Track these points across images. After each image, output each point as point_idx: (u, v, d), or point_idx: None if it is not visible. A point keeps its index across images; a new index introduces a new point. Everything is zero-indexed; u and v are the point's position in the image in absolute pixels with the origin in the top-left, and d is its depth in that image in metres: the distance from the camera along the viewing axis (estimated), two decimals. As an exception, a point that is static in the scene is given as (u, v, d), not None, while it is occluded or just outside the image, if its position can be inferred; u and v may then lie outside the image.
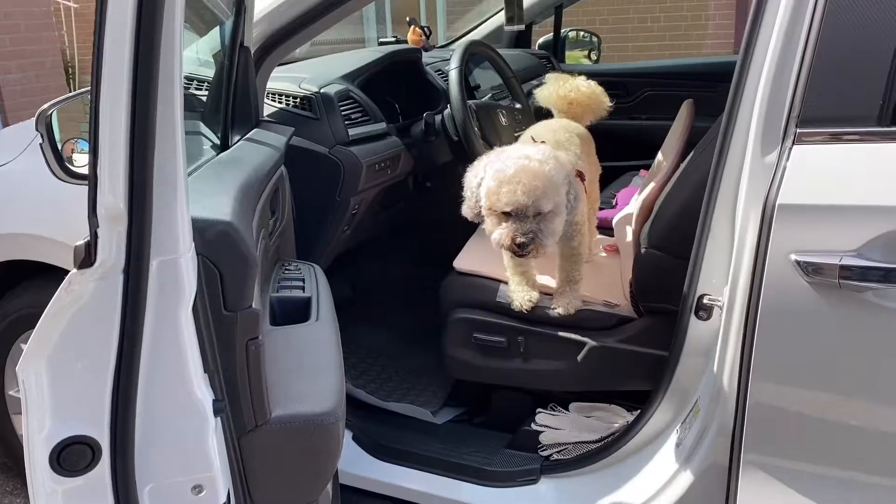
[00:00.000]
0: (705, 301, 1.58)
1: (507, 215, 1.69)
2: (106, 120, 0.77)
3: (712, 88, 3.12)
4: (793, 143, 1.40)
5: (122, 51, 0.75)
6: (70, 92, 1.44)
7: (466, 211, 1.81)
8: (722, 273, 1.54)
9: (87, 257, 0.79)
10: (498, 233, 1.71)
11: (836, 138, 1.38)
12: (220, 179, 1.20)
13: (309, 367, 1.13)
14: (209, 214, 0.94)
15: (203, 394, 0.90)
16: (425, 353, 2.53)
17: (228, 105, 1.73)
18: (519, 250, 1.69)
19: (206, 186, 1.12)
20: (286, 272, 1.52)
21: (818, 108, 1.38)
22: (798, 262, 1.37)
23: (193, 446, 0.90)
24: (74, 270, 0.80)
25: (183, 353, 0.88)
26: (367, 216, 2.30)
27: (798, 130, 1.40)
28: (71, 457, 0.84)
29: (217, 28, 1.88)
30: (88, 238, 0.80)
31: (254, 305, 0.97)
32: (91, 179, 0.78)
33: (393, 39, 2.88)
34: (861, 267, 1.31)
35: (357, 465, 2.07)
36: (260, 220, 1.32)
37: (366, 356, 2.57)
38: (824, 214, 1.36)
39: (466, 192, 1.80)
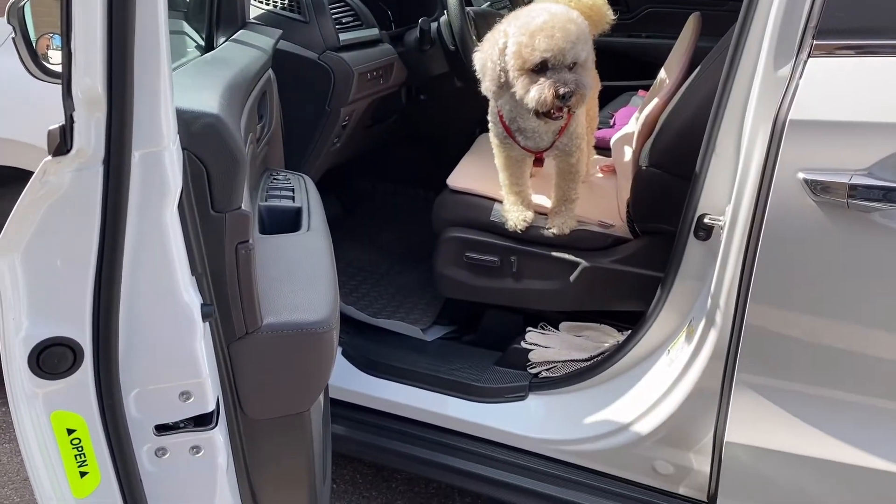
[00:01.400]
0: (706, 221, 1.55)
1: (539, 72, 1.60)
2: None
3: (720, 5, 3.01)
4: (808, 56, 1.34)
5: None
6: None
7: (488, 85, 1.71)
8: (725, 192, 1.50)
9: (62, 143, 0.73)
10: (535, 90, 1.60)
11: (853, 51, 1.32)
12: (204, 76, 1.13)
13: (301, 276, 1.08)
14: (197, 105, 0.87)
15: (190, 297, 0.86)
16: (416, 271, 2.51)
17: (213, 4, 1.63)
18: (561, 102, 1.59)
19: (191, 81, 1.05)
20: (275, 182, 1.46)
21: (837, 19, 1.32)
22: (806, 181, 1.33)
23: (181, 351, 0.87)
24: (49, 158, 0.74)
25: (168, 254, 0.83)
26: (357, 129, 2.22)
27: (814, 42, 1.34)
28: (51, 359, 0.81)
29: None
30: (63, 122, 0.73)
31: (244, 207, 0.92)
32: (65, 57, 0.71)
33: (386, -59, 2.72)
34: (871, 186, 1.28)
35: (347, 379, 2.07)
36: (247, 123, 1.25)
37: (356, 274, 2.54)
38: (836, 131, 1.31)
39: (485, 65, 1.69)
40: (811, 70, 1.34)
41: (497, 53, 1.67)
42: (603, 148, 2.35)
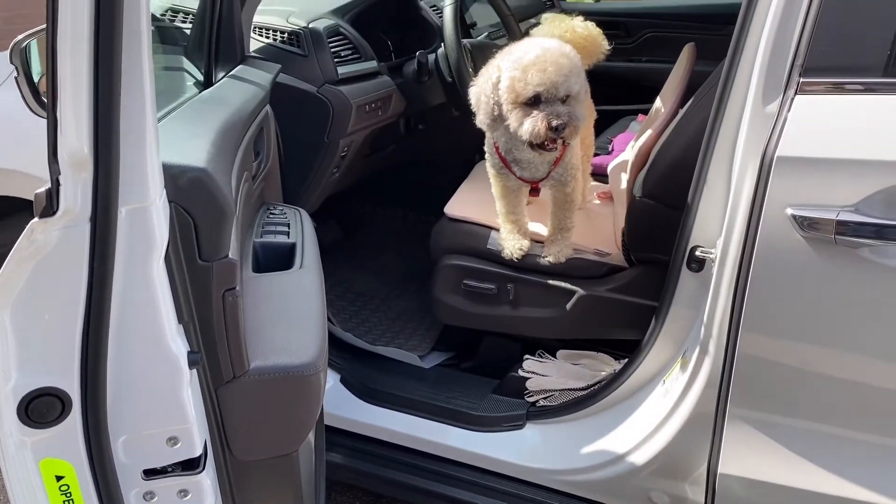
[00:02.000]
0: (698, 253, 1.56)
1: (533, 105, 1.63)
2: (65, 56, 0.72)
3: (717, 31, 3.03)
4: (795, 93, 1.36)
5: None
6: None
7: (482, 119, 1.74)
8: (716, 224, 1.51)
9: (48, 206, 0.75)
10: (529, 122, 1.63)
11: (839, 88, 1.33)
12: (199, 120, 1.15)
13: (291, 316, 1.10)
14: (183, 160, 0.90)
15: (177, 345, 0.88)
16: (415, 296, 2.52)
17: (212, 40, 1.66)
18: (554, 134, 1.62)
19: (184, 128, 1.07)
20: (271, 216, 1.49)
21: (823, 57, 1.33)
22: (794, 217, 1.34)
23: (168, 398, 0.89)
24: (36, 219, 0.76)
25: (155, 304, 0.85)
26: (357, 158, 2.25)
27: (801, 79, 1.35)
28: (40, 408, 0.83)
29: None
30: (49, 186, 0.75)
31: (231, 255, 0.93)
32: (50, 122, 0.74)
33: (387, -28, 2.76)
34: (858, 223, 1.29)
35: (345, 407, 2.08)
36: (242, 162, 1.27)
37: (355, 299, 2.56)
38: (823, 168, 1.32)
39: (479, 98, 1.73)
40: (798, 107, 1.35)
41: (490, 87, 1.70)
42: (601, 174, 2.37)
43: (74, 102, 0.71)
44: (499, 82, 1.69)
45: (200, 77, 1.69)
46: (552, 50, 1.66)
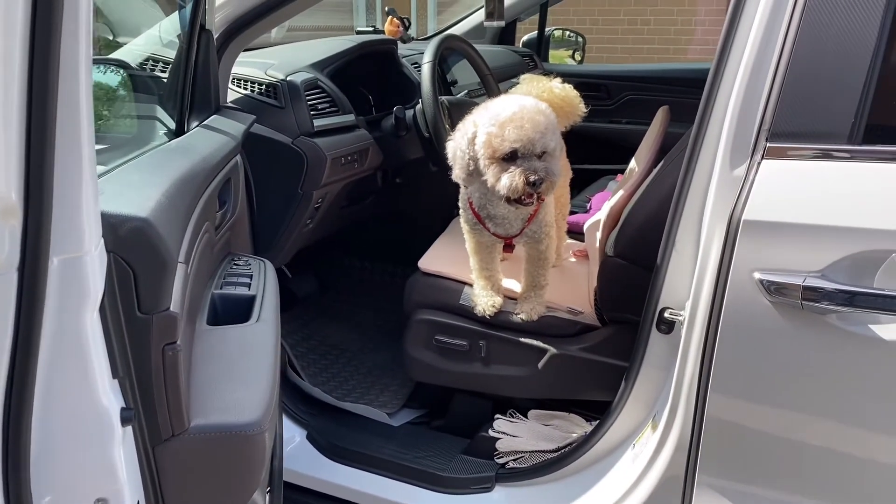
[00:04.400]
0: (666, 315, 1.54)
1: (509, 161, 1.63)
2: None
3: (695, 95, 3.07)
4: (762, 158, 1.36)
5: (13, 14, 0.67)
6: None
7: (458, 173, 1.74)
8: (685, 286, 1.50)
9: (-28, 254, 0.72)
10: (507, 177, 1.63)
11: (805, 155, 1.34)
12: (158, 169, 1.14)
13: (241, 372, 1.06)
14: (125, 209, 0.87)
15: (109, 401, 0.84)
16: (389, 351, 2.48)
17: (185, 90, 1.66)
18: (532, 189, 1.62)
19: (140, 176, 1.06)
20: (235, 267, 1.46)
21: (789, 123, 1.34)
22: (761, 281, 1.33)
23: (97, 457, 0.84)
24: (-42, 268, 0.74)
25: (87, 358, 0.82)
26: (332, 210, 2.24)
27: (768, 145, 1.36)
28: (-46, 466, 0.78)
29: (183, 8, 1.80)
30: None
31: (172, 308, 0.91)
32: (-24, 166, 0.72)
33: (370, 29, 2.81)
34: (825, 289, 1.27)
35: (310, 465, 2.03)
36: (203, 212, 1.25)
37: (328, 352, 2.52)
38: (790, 233, 1.32)
39: (455, 153, 1.73)
40: (765, 172, 1.35)
41: (466, 143, 1.70)
42: (577, 232, 2.37)
43: (4, 145, 0.68)
44: (475, 137, 1.69)
45: (173, 126, 1.68)
46: (528, 107, 1.67)
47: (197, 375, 1.01)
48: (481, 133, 1.67)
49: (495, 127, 1.64)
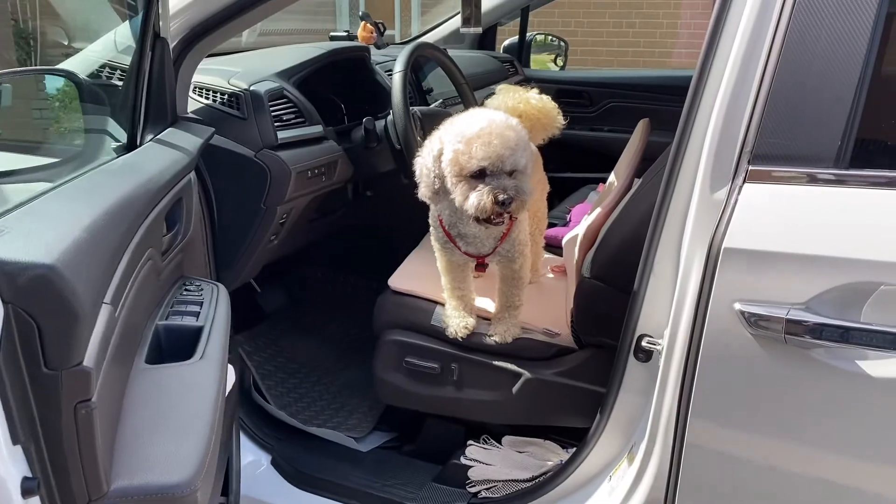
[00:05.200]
0: (644, 344, 1.47)
1: (478, 178, 1.54)
2: None
3: (679, 103, 3.00)
4: (744, 181, 1.29)
5: None
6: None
7: (423, 192, 1.66)
8: (664, 313, 1.43)
9: None
10: (475, 196, 1.54)
11: (790, 179, 1.26)
12: (88, 196, 1.04)
13: (175, 421, 0.97)
14: (26, 254, 0.78)
15: (7, 470, 0.75)
16: (361, 369, 2.39)
17: (138, 101, 1.56)
18: (501, 208, 1.53)
19: (60, 207, 0.95)
20: (185, 293, 1.37)
21: (773, 145, 1.27)
22: (742, 313, 1.25)
23: (-7, 534, 0.75)
24: None
25: (-23, 425, 0.73)
26: (300, 223, 2.15)
27: (750, 167, 1.28)
28: None
29: (134, 17, 1.70)
30: None
31: (86, 362, 0.81)
32: None
33: (344, 34, 2.71)
34: (809, 322, 1.20)
35: (274, 492, 1.94)
36: (145, 239, 1.16)
37: (297, 371, 2.42)
38: (773, 262, 1.24)
39: (421, 171, 1.64)
40: (747, 196, 1.28)
41: (432, 160, 1.61)
42: (556, 246, 2.29)
43: None
44: (441, 155, 1.60)
45: (124, 140, 1.58)
46: (497, 122, 1.58)
47: (126, 425, 0.92)
48: (448, 150, 1.58)
49: (462, 143, 1.55)
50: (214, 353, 1.13)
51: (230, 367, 1.51)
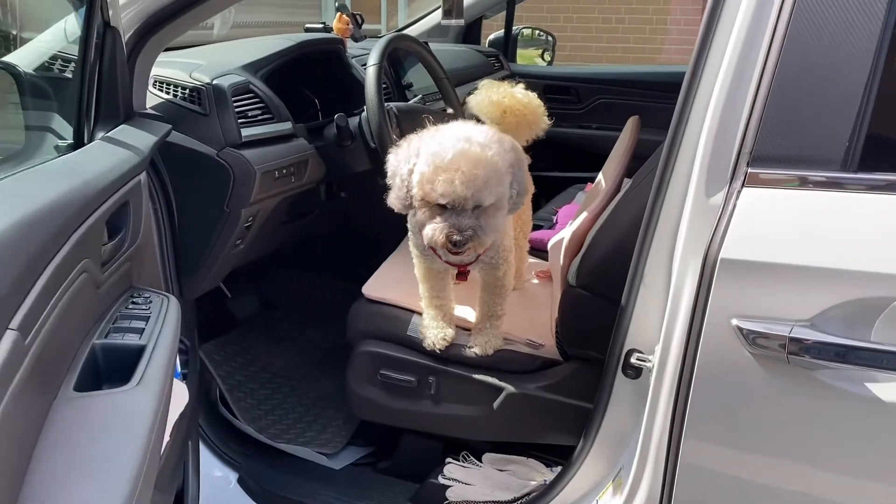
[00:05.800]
0: (633, 360, 1.36)
1: (442, 207, 1.44)
2: None
3: (670, 100, 2.89)
4: (742, 185, 1.18)
5: None
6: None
7: (393, 201, 1.55)
8: (654, 328, 1.32)
9: None
10: (430, 228, 1.46)
11: (793, 183, 1.15)
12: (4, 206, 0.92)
13: (97, 461, 0.84)
14: None
15: None
16: (335, 378, 2.26)
17: (84, 96, 1.43)
18: (454, 248, 1.45)
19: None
20: (131, 307, 1.24)
21: (774, 146, 1.16)
22: (740, 329, 1.15)
23: None
24: None
25: None
26: (269, 226, 2.02)
27: (749, 170, 1.17)
28: None
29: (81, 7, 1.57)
30: None
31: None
32: None
33: (320, 26, 2.58)
34: (813, 342, 1.09)
35: (240, 514, 1.82)
36: (76, 250, 1.03)
37: (269, 381, 2.30)
38: (774, 275, 1.13)
39: (394, 179, 1.53)
40: (745, 201, 1.17)
41: (407, 171, 1.49)
42: (541, 249, 2.17)
43: None
44: (414, 168, 1.48)
45: (70, 138, 1.45)
46: (471, 154, 1.42)
47: (40, 468, 0.79)
48: (418, 170, 1.46)
49: (429, 170, 1.43)
50: (155, 377, 1.01)
51: (183, 387, 1.38)
